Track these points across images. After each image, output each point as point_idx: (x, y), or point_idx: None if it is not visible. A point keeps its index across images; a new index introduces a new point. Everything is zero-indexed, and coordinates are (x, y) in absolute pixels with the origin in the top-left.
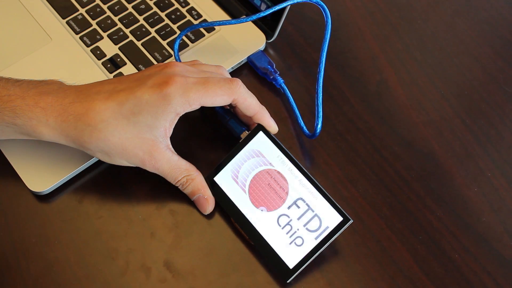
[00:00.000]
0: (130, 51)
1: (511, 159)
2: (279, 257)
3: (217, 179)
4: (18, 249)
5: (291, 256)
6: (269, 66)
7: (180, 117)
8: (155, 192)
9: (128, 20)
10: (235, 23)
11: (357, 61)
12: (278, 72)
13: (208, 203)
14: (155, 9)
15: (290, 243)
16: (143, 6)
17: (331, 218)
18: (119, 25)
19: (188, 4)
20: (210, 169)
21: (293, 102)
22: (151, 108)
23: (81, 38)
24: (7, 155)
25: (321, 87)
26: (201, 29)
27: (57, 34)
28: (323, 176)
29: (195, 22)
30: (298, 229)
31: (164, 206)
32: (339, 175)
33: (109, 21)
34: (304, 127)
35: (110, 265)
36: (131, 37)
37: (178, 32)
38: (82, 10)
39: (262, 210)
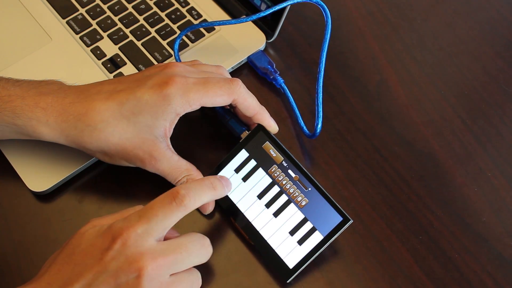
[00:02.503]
0: (130, 51)
1: (511, 159)
2: (279, 257)
3: None
4: (18, 249)
5: (291, 256)
6: (269, 66)
7: (180, 117)
8: (155, 192)
9: (128, 20)
10: (235, 23)
11: (357, 61)
12: (278, 72)
13: (208, 203)
14: (155, 9)
15: (290, 243)
16: (143, 6)
17: (331, 218)
18: (119, 25)
19: (188, 4)
20: (210, 169)
21: (293, 102)
22: (151, 108)
23: (81, 38)
24: (7, 155)
25: (321, 87)
26: (201, 29)
27: (57, 34)
28: (323, 176)
29: (195, 22)
30: (298, 229)
31: None
32: (339, 175)
33: (109, 21)
34: (304, 127)
35: None
36: (131, 37)
37: (178, 32)
38: (82, 10)
39: (262, 210)
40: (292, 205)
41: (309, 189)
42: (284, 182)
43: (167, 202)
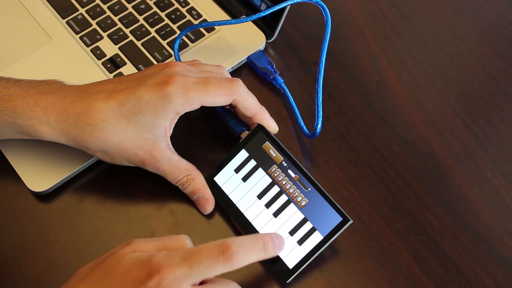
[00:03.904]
0: (130, 51)
1: (511, 159)
2: (279, 257)
3: (217, 179)
4: (18, 249)
5: (291, 256)
6: (269, 66)
7: (180, 116)
8: (155, 192)
9: (128, 20)
10: (235, 23)
11: (357, 61)
12: (278, 72)
13: (208, 203)
14: (155, 9)
15: (290, 243)
16: (143, 6)
17: (331, 218)
18: (119, 25)
19: (188, 4)
20: (210, 169)
21: (293, 102)
22: (151, 108)
23: (81, 38)
24: (7, 155)
25: (321, 87)
26: (201, 29)
27: (57, 34)
28: (323, 176)
29: (195, 22)
30: (298, 229)
31: (164, 206)
32: (339, 175)
33: (109, 21)
34: (304, 127)
35: None
36: (131, 37)
37: (178, 32)
38: (82, 10)
39: (262, 210)
40: (292, 205)
41: (309, 189)
42: (284, 182)
43: (215, 254)
